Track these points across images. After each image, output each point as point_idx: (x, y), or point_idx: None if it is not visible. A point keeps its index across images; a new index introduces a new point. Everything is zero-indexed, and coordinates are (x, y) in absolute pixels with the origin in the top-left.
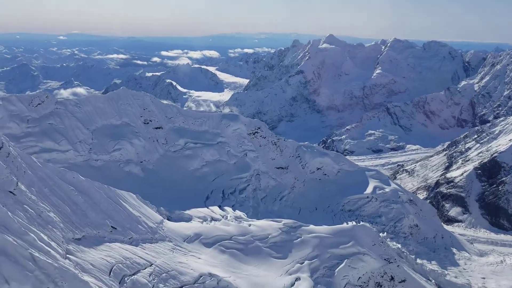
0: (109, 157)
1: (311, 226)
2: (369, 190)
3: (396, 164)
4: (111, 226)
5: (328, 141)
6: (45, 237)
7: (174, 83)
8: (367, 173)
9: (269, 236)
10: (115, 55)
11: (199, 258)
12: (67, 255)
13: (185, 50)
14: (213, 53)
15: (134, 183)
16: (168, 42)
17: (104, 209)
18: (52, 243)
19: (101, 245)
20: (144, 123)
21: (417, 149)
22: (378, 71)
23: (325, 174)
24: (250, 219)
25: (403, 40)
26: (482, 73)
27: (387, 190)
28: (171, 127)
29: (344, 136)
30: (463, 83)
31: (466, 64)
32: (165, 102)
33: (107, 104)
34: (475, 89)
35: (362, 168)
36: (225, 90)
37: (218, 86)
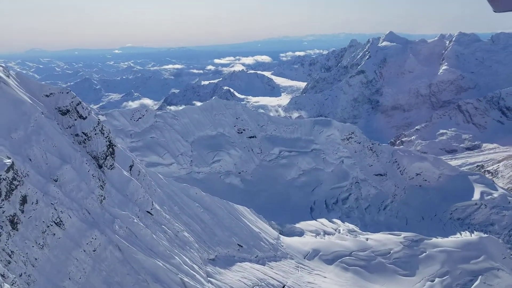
0: (209, 169)
1: (434, 239)
2: (476, 196)
3: (475, 165)
4: (238, 244)
5: (397, 142)
6: (188, 260)
7: (232, 90)
8: (470, 177)
9: (391, 252)
10: (170, 66)
11: (325, 277)
12: (208, 278)
13: (237, 57)
14: (265, 58)
15: (236, 195)
16: (218, 50)
17: (228, 226)
18: (195, 266)
19: (234, 265)
20: (238, 132)
21: (495, 148)
22: (444, 67)
23: (426, 180)
24: (364, 233)
25: (469, 34)
26: None
27: (495, 195)
28: (264, 135)
29: (414, 137)
30: None
31: None
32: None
33: (202, 115)
34: None
35: (464, 172)
36: (282, 94)
37: (274, 90)
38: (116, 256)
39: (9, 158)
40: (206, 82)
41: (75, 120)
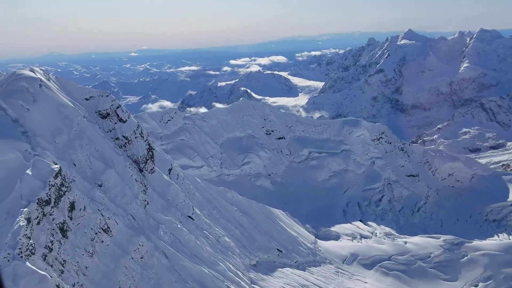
0: (239, 171)
1: (475, 242)
2: (511, 197)
3: (500, 164)
4: (278, 249)
5: (419, 141)
6: (232, 267)
7: (249, 91)
8: (504, 177)
9: (432, 255)
10: (186, 68)
11: (366, 283)
12: (252, 285)
13: (253, 58)
14: (281, 58)
15: (267, 198)
16: (233, 51)
17: (266, 230)
18: (239, 273)
19: (275, 271)
20: (267, 133)
21: None
22: (465, 64)
23: (458, 181)
24: (401, 236)
25: (490, 30)
26: None
27: None
28: (293, 136)
29: (436, 136)
30: None
31: None
32: None
33: (230, 117)
34: None
35: (498, 172)
36: (300, 94)
37: (292, 91)
38: (163, 263)
39: (56, 164)
40: (223, 83)
41: (115, 123)
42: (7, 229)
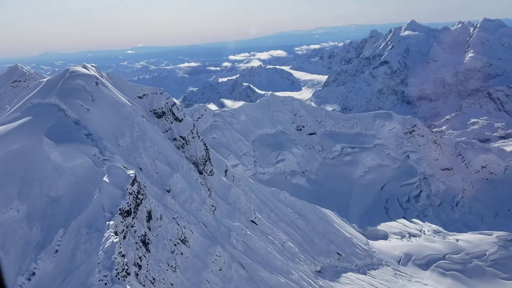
0: (274, 169)
1: None
2: None
3: None
4: (337, 253)
5: None
6: (303, 275)
7: (252, 86)
8: None
9: (487, 253)
10: (185, 64)
11: (426, 284)
12: None
13: (252, 53)
14: (280, 53)
15: (305, 197)
16: (229, 46)
17: (322, 232)
18: (311, 281)
19: (340, 277)
20: (297, 129)
21: None
22: (470, 54)
23: (492, 173)
24: (451, 233)
25: (494, 20)
26: None
27: None
28: (323, 131)
29: (444, 127)
30: None
31: None
32: None
33: (260, 113)
34: None
35: None
36: (303, 88)
37: (295, 85)
38: (242, 274)
39: (130, 169)
40: (225, 79)
41: (171, 123)
42: (92, 246)
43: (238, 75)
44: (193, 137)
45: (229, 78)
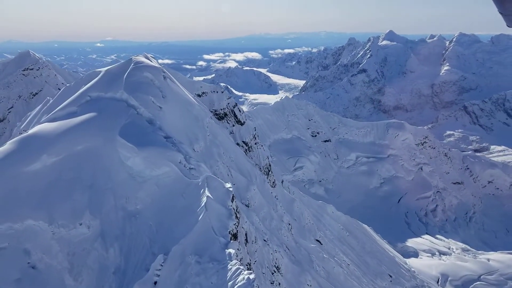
0: (292, 177)
1: None
2: None
3: None
4: (389, 275)
5: None
6: None
7: (230, 87)
8: None
9: None
10: (159, 61)
11: None
12: None
13: (227, 53)
14: (255, 55)
15: None
16: (201, 45)
17: (370, 251)
18: None
19: None
20: (312, 135)
21: (503, 150)
22: (446, 67)
23: (498, 188)
24: (479, 252)
25: (469, 34)
26: None
27: None
28: (337, 139)
29: None
30: None
31: None
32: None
33: (275, 116)
34: None
35: None
36: (280, 92)
37: (271, 88)
38: None
39: (226, 182)
40: (200, 78)
41: (233, 126)
42: (211, 280)
43: (213, 75)
44: (255, 143)
45: (204, 77)
